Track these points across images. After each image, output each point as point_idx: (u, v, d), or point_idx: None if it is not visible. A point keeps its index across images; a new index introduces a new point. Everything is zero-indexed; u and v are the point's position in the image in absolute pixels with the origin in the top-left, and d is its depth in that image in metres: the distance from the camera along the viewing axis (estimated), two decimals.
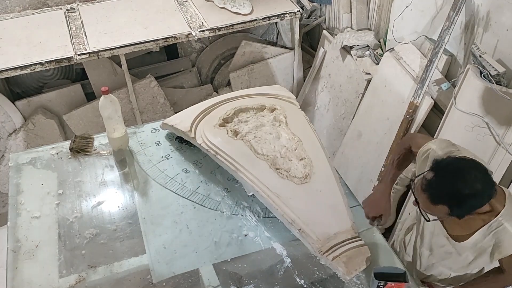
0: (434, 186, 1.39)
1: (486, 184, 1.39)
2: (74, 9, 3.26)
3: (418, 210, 1.54)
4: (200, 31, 3.03)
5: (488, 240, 1.53)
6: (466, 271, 1.73)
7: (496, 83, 2.13)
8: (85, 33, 3.00)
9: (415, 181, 1.49)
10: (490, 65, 2.16)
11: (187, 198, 1.81)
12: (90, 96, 3.30)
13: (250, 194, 1.79)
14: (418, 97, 2.52)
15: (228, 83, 3.67)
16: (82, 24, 3.10)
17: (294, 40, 3.48)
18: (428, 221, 1.48)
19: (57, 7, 3.28)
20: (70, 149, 2.02)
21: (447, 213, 1.41)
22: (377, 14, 3.10)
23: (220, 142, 1.83)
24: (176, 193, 1.83)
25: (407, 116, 2.57)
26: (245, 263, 1.58)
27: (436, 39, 2.45)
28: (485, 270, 1.76)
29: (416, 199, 1.47)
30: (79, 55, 2.83)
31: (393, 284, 1.47)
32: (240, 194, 1.82)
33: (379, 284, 1.47)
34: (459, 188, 1.36)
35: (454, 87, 2.40)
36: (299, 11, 3.26)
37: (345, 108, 3.22)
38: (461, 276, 1.78)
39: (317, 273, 1.53)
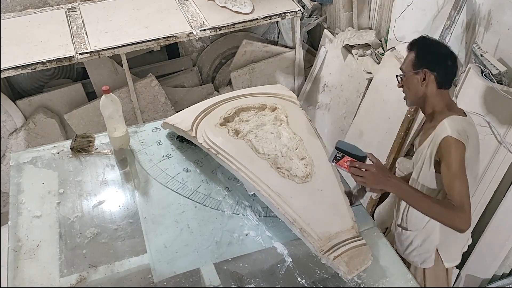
0: (420, 41, 1.69)
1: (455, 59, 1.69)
2: (75, 8, 3.26)
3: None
4: (201, 30, 3.03)
5: (433, 142, 1.64)
6: (424, 182, 1.72)
7: (498, 82, 2.12)
8: (86, 32, 3.00)
9: None
10: (492, 64, 2.16)
11: (188, 198, 1.80)
12: (91, 96, 3.30)
13: (251, 193, 1.79)
14: None
15: (229, 82, 3.66)
16: (83, 23, 3.10)
17: (295, 39, 3.47)
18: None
19: (58, 6, 3.29)
20: (71, 149, 2.02)
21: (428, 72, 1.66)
22: (378, 13, 3.09)
23: (221, 141, 1.83)
24: (177, 193, 1.82)
25: (408, 116, 2.57)
26: (246, 262, 1.58)
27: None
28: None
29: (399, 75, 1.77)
30: (80, 54, 2.83)
31: (349, 158, 1.53)
32: (241, 194, 1.81)
33: (337, 154, 1.55)
34: (440, 46, 1.70)
35: (455, 86, 2.39)
36: (300, 10, 3.26)
37: (346, 108, 3.21)
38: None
39: (318, 272, 1.53)
